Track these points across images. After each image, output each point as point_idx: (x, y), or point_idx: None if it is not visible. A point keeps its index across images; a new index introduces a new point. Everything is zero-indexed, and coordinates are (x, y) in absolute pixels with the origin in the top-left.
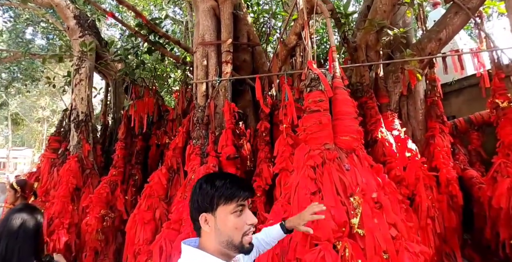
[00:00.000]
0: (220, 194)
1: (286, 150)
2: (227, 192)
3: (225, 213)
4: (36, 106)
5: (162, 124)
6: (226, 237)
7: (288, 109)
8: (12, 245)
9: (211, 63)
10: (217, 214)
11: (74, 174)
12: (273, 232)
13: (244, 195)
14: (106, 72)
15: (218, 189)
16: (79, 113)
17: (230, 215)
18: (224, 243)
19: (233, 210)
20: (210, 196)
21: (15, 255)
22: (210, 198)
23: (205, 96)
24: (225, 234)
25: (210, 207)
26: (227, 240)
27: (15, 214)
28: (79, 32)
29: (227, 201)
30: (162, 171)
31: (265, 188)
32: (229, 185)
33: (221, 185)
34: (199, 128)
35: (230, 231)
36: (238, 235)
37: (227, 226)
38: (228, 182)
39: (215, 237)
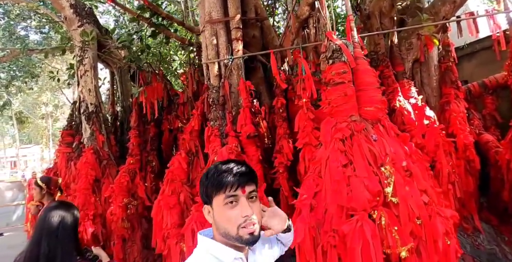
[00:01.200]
0: (211, 184)
1: (308, 125)
2: (214, 182)
3: (218, 205)
4: (39, 103)
5: (173, 109)
6: (223, 229)
7: (306, 83)
8: (54, 243)
9: (221, 41)
10: (213, 205)
11: (92, 166)
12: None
13: (231, 183)
14: (110, 60)
15: (209, 179)
16: (88, 105)
17: (223, 206)
18: (223, 235)
19: (223, 202)
20: (205, 187)
21: (58, 253)
22: (205, 189)
23: (218, 76)
24: (221, 226)
25: (207, 198)
26: (225, 232)
27: (52, 211)
28: (78, 22)
29: (217, 192)
30: (181, 155)
31: (287, 164)
32: (216, 173)
33: (211, 174)
34: (215, 110)
35: (224, 224)
36: (232, 228)
37: (221, 219)
38: (217, 170)
39: (216, 229)
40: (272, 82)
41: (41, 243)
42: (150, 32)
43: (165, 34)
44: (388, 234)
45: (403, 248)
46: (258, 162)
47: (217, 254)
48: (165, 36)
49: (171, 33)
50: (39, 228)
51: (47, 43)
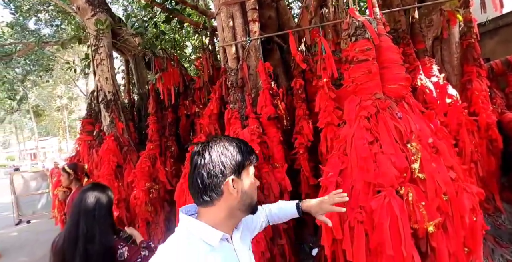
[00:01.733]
0: (247, 157)
1: (329, 104)
2: (251, 155)
3: (248, 175)
4: (53, 96)
5: (189, 94)
6: (250, 198)
7: (326, 63)
8: (91, 223)
9: (237, 23)
10: (243, 176)
11: (113, 153)
12: (288, 209)
13: (258, 158)
14: (125, 48)
15: (245, 153)
16: (106, 93)
17: (250, 177)
18: (246, 205)
19: (253, 172)
20: (239, 158)
21: (96, 232)
22: (239, 161)
23: (236, 59)
24: (249, 194)
25: (238, 168)
26: (250, 202)
27: (88, 192)
28: (91, 11)
29: (250, 164)
30: (201, 138)
31: (307, 145)
32: (250, 148)
33: (246, 149)
34: (234, 92)
35: (253, 192)
36: (255, 195)
37: (251, 187)
38: (248, 146)
39: (239, 200)
40: (289, 64)
41: (79, 224)
42: (164, 18)
43: (179, 19)
44: (416, 209)
45: (431, 223)
46: (279, 143)
47: (202, 236)
48: (178, 21)
49: (185, 17)
50: (76, 209)
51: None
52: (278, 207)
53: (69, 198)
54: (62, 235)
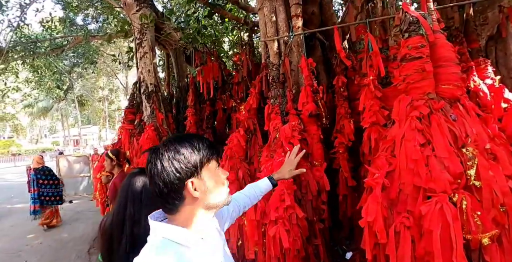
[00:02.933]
0: (204, 154)
1: (374, 104)
2: (209, 151)
3: (210, 172)
4: (96, 87)
5: (227, 89)
6: (218, 194)
7: (373, 60)
8: (138, 207)
9: (280, 18)
10: (203, 175)
11: (153, 142)
12: (262, 185)
13: (218, 150)
14: (167, 42)
15: (200, 150)
16: (148, 85)
17: (214, 173)
18: (215, 202)
19: (215, 168)
20: (194, 159)
21: (142, 215)
22: (195, 161)
23: (278, 54)
24: (215, 192)
25: (195, 170)
26: (219, 198)
27: (136, 177)
28: (136, 6)
29: (209, 160)
30: (240, 132)
31: (347, 144)
32: (207, 143)
33: (201, 145)
34: (275, 87)
35: (218, 188)
36: (225, 189)
37: (217, 183)
38: (203, 141)
39: (205, 200)
40: (331, 61)
41: (127, 207)
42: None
43: (221, 14)
44: (470, 219)
45: (486, 235)
46: (319, 141)
47: (178, 239)
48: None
49: (226, 12)
50: (124, 192)
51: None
52: (249, 187)
53: (111, 182)
54: (110, 217)
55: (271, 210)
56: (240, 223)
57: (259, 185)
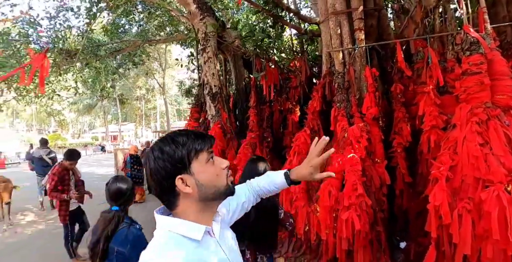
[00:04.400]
0: (190, 148)
1: (434, 110)
2: (195, 144)
3: (201, 165)
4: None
5: (283, 92)
6: (212, 188)
7: (433, 72)
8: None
9: (345, 31)
10: (193, 170)
11: (220, 138)
12: (277, 181)
13: (210, 142)
14: (226, 48)
15: (185, 144)
16: (212, 87)
17: (206, 165)
18: (211, 195)
19: (206, 160)
20: (180, 154)
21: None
22: (180, 157)
23: (343, 63)
24: (210, 185)
25: (183, 166)
26: (214, 191)
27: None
28: (200, 15)
29: (198, 153)
30: (306, 132)
31: (405, 145)
32: (193, 136)
33: (186, 140)
34: (340, 93)
35: (214, 181)
36: (223, 181)
37: (209, 178)
38: (190, 134)
39: (200, 194)
40: (386, 69)
41: None
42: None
43: (283, 23)
44: None
45: None
46: (380, 141)
47: (184, 232)
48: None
49: (288, 23)
50: (248, 173)
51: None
52: (267, 180)
53: None
54: None
55: (344, 197)
56: (307, 210)
57: (275, 181)
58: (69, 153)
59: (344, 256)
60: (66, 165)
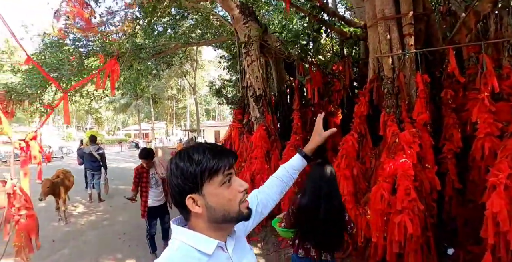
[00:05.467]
0: (203, 168)
1: (488, 117)
2: (210, 165)
3: (214, 188)
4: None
5: (326, 95)
6: (222, 211)
7: (488, 78)
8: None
9: (394, 36)
10: (204, 191)
11: (264, 140)
12: (295, 164)
13: (228, 163)
14: (268, 51)
15: (199, 164)
16: (256, 89)
17: (220, 188)
18: (221, 218)
19: (221, 182)
20: (192, 173)
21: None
22: (193, 176)
23: (392, 69)
24: (220, 209)
25: (195, 186)
26: (224, 215)
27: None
28: (243, 20)
29: (212, 175)
30: (354, 136)
31: (456, 151)
32: (209, 156)
33: (201, 158)
34: (390, 98)
35: (226, 205)
36: (234, 206)
37: (221, 202)
38: (207, 153)
39: (209, 216)
40: (434, 74)
41: (321, 187)
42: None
43: (327, 28)
44: None
45: None
46: (430, 147)
47: (196, 245)
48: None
49: (333, 27)
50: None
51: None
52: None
53: None
54: (304, 197)
55: (397, 201)
56: (355, 212)
57: (292, 164)
58: (143, 152)
59: (394, 259)
60: (143, 164)
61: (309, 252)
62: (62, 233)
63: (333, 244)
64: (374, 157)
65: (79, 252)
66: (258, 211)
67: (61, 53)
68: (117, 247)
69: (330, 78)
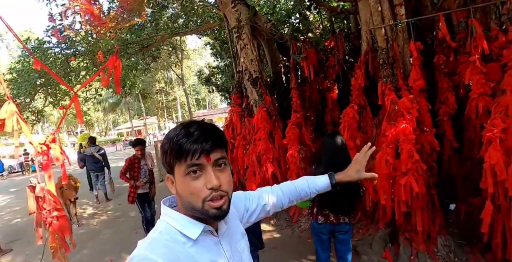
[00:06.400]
0: (170, 150)
1: (480, 77)
2: (174, 148)
3: (180, 174)
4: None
5: (321, 71)
6: (187, 202)
7: (478, 41)
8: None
9: (385, 7)
10: (175, 175)
11: (266, 121)
12: (319, 183)
13: (192, 151)
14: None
15: (170, 143)
16: (252, 72)
17: (184, 177)
18: (188, 208)
19: (185, 172)
20: (165, 153)
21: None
22: (165, 156)
23: (386, 40)
24: (185, 199)
25: (169, 167)
26: (189, 206)
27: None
28: (231, 3)
29: (177, 160)
30: (354, 108)
31: (451, 113)
32: (176, 138)
33: (172, 138)
34: (386, 68)
35: (188, 197)
36: (197, 202)
37: (183, 191)
38: (177, 134)
39: (182, 203)
40: (425, 41)
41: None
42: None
43: (317, 4)
44: None
45: None
46: (427, 111)
47: (180, 228)
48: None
49: (324, 3)
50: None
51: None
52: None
53: None
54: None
55: (402, 164)
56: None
57: (316, 182)
58: (136, 140)
59: (402, 219)
60: (136, 154)
61: (328, 218)
62: (78, 236)
63: (349, 208)
64: (374, 126)
65: (100, 251)
66: (265, 209)
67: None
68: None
69: (324, 54)
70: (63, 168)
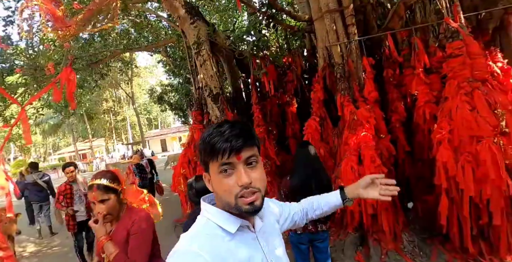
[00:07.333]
0: (204, 150)
1: (425, 88)
2: (207, 148)
3: (214, 173)
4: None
5: (280, 86)
6: (222, 199)
7: (420, 57)
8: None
9: (339, 26)
10: (210, 173)
11: None
12: (331, 200)
13: (223, 150)
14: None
15: (203, 143)
16: (212, 88)
17: (218, 175)
18: (224, 205)
19: (218, 170)
20: (201, 153)
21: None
22: (201, 156)
23: (341, 56)
24: (219, 196)
25: (205, 165)
26: (224, 202)
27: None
28: (190, 19)
29: (211, 159)
30: (315, 119)
31: (402, 120)
32: (209, 138)
33: (205, 138)
34: (343, 82)
35: (222, 193)
36: (230, 198)
37: (218, 188)
38: (210, 134)
39: (216, 198)
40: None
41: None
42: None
43: (276, 23)
44: (507, 150)
45: None
46: (382, 119)
47: (220, 223)
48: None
49: (281, 22)
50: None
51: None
52: (322, 200)
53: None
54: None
55: (365, 169)
56: None
57: (330, 199)
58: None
59: (370, 221)
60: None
61: (307, 227)
62: None
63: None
64: (335, 136)
65: None
66: (294, 219)
67: None
68: None
69: (282, 70)
70: (9, 198)
